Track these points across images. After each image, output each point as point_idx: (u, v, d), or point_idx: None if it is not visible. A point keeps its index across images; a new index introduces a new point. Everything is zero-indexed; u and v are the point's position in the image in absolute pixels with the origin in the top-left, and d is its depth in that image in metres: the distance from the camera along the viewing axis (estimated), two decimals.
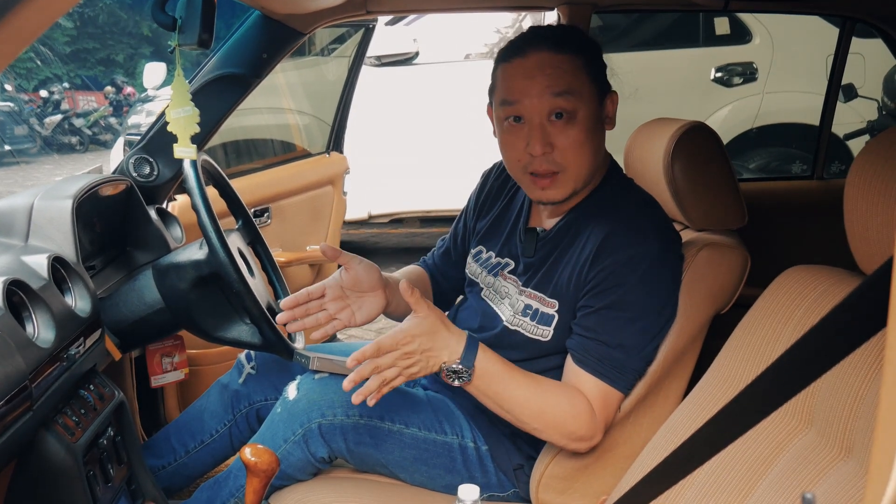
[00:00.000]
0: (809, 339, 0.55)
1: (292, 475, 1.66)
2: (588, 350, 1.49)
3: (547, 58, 1.48)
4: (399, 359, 1.39)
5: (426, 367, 1.42)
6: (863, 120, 4.93)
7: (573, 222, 1.59)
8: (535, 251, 1.63)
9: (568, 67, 1.48)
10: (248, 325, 1.77)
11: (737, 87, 5.32)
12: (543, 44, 1.49)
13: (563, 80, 1.47)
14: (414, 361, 1.40)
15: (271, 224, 2.90)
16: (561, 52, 1.48)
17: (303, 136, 4.05)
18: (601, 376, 1.48)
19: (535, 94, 1.48)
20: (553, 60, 1.48)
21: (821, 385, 1.10)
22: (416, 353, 1.40)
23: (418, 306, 1.40)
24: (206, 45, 1.58)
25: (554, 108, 1.47)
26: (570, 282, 1.53)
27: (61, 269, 1.53)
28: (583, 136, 1.49)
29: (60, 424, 1.41)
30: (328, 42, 4.64)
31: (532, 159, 1.51)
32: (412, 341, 1.39)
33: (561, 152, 1.50)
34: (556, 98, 1.47)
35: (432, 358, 1.41)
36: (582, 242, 1.54)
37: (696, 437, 0.69)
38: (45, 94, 15.60)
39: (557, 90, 1.47)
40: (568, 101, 1.47)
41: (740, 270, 1.59)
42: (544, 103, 1.47)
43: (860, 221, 1.01)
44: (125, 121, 9.89)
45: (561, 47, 1.48)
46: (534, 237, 1.65)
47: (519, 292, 1.64)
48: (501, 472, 1.68)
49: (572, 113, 1.48)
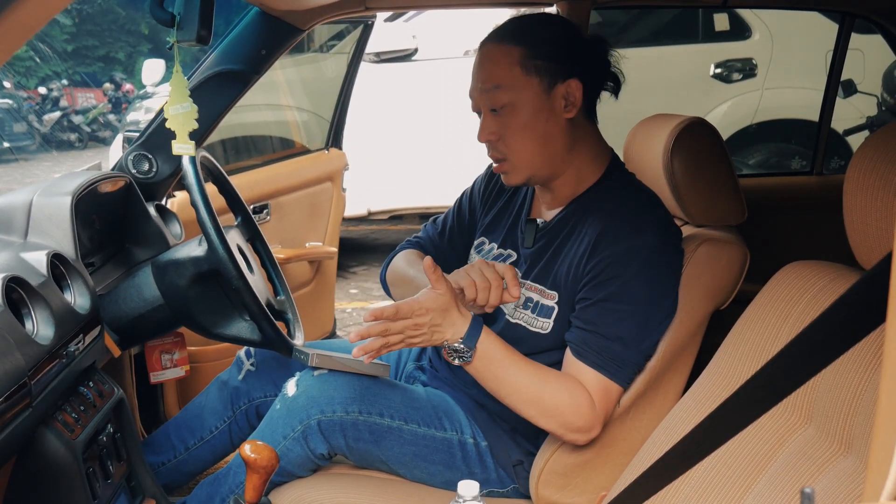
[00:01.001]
0: (808, 335, 0.56)
1: (292, 471, 1.66)
2: (587, 343, 1.49)
3: (487, 51, 1.56)
4: (409, 328, 1.45)
5: (429, 341, 1.48)
6: (862, 116, 4.92)
7: (572, 214, 1.60)
8: (535, 242, 1.65)
9: (502, 60, 1.53)
10: (247, 322, 1.77)
11: (736, 83, 5.31)
12: (492, 37, 1.57)
13: (494, 74, 1.53)
14: (420, 333, 1.46)
15: (270, 221, 2.90)
16: (500, 42, 1.55)
17: (302, 132, 4.04)
18: (600, 369, 1.49)
19: (475, 90, 1.57)
20: (491, 53, 1.55)
21: (820, 380, 1.10)
22: (426, 325, 1.45)
23: (438, 283, 1.46)
24: (204, 41, 1.58)
25: (488, 101, 1.54)
26: (569, 273, 1.54)
27: (60, 265, 1.53)
28: (520, 126, 1.54)
29: (60, 421, 1.41)
30: (327, 38, 4.63)
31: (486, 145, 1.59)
32: (426, 314, 1.45)
33: (504, 141, 1.56)
34: (485, 94, 1.54)
35: (437, 333, 1.47)
36: (581, 234, 1.55)
37: (696, 432, 0.69)
38: (44, 91, 15.56)
39: (487, 86, 1.54)
40: (498, 94, 1.52)
41: (739, 266, 1.59)
42: (482, 97, 1.55)
43: (859, 217, 1.01)
44: (124, 118, 9.88)
45: (501, 38, 1.55)
46: (533, 228, 1.66)
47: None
48: (501, 467, 1.68)
49: (508, 105, 1.52)
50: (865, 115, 4.94)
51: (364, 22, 3.40)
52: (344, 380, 1.65)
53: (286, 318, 1.94)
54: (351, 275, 5.19)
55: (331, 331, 3.40)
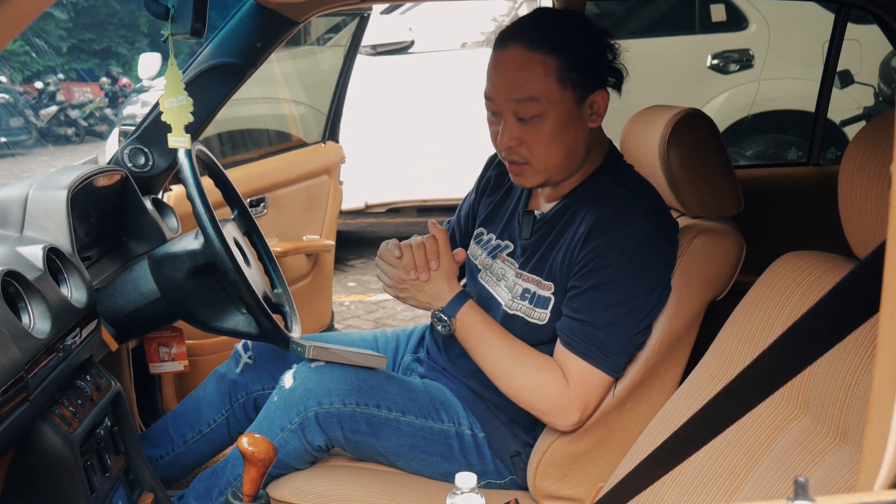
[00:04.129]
0: (804, 325, 0.56)
1: (289, 464, 1.67)
2: (574, 331, 1.51)
3: (520, 55, 1.48)
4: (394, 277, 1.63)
5: (414, 300, 1.64)
6: (859, 106, 4.92)
7: (569, 206, 1.60)
8: (532, 233, 1.65)
9: (537, 70, 1.47)
10: (244, 315, 1.77)
11: (733, 73, 5.31)
12: (522, 39, 1.49)
13: (529, 86, 1.47)
14: (406, 288, 1.62)
15: (267, 214, 2.90)
16: (535, 50, 1.47)
17: (298, 125, 4.03)
18: (584, 356, 1.50)
19: (502, 91, 1.50)
20: (525, 59, 1.47)
21: (815, 370, 1.10)
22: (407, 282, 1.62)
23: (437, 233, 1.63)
24: (198, 34, 1.58)
25: (519, 110, 1.49)
26: (564, 264, 1.55)
27: (57, 259, 1.53)
28: (549, 136, 1.50)
29: (57, 415, 1.41)
30: (323, 31, 4.62)
31: (504, 148, 1.55)
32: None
33: (528, 147, 1.53)
34: (518, 104, 1.49)
35: (421, 295, 1.62)
36: (576, 225, 1.56)
37: (692, 422, 0.69)
38: (41, 86, 15.53)
39: (521, 97, 1.48)
40: (531, 108, 1.48)
41: (736, 257, 1.59)
42: (510, 105, 1.50)
43: (854, 207, 1.01)
44: (120, 112, 9.87)
45: (537, 45, 1.47)
46: (531, 220, 1.67)
47: (516, 275, 1.65)
48: (499, 459, 1.69)
49: (540, 114, 1.49)
50: (862, 106, 4.93)
51: (360, 14, 3.38)
52: (341, 372, 1.66)
53: (283, 311, 1.94)
54: (348, 268, 5.19)
55: (328, 324, 3.40)
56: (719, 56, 5.30)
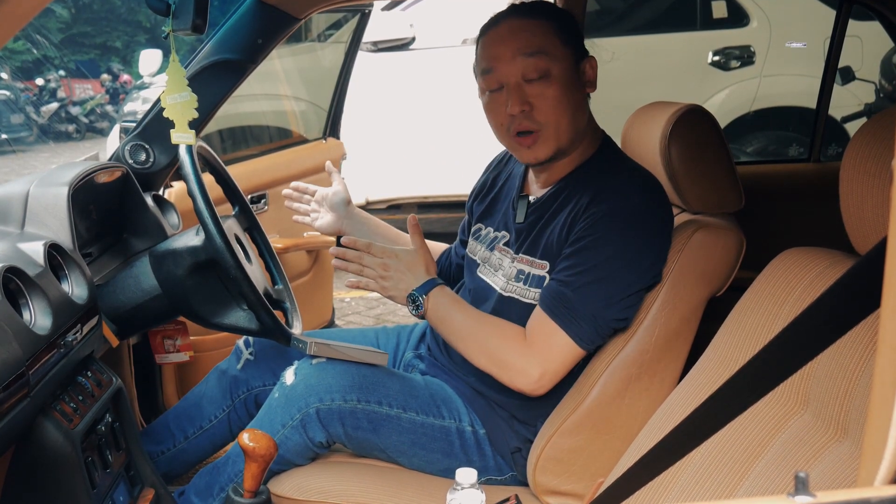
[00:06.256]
0: (804, 321, 0.56)
1: (290, 460, 1.67)
2: (549, 290, 1.54)
3: (517, 23, 1.57)
4: (379, 267, 1.65)
5: (395, 289, 1.65)
6: (860, 103, 4.91)
7: (563, 190, 1.63)
8: (526, 217, 1.67)
9: (537, 30, 1.55)
10: (245, 311, 1.77)
11: (734, 70, 5.30)
12: (514, 13, 1.58)
13: (533, 41, 1.54)
14: (388, 276, 1.65)
15: (268, 210, 2.90)
16: (530, 17, 1.57)
17: (299, 122, 4.03)
18: (551, 314, 1.52)
19: (508, 58, 1.55)
20: (523, 25, 1.56)
21: (816, 366, 1.10)
22: (392, 269, 1.65)
23: (415, 242, 1.68)
24: (199, 30, 1.57)
25: (527, 67, 1.54)
26: (559, 241, 1.57)
27: (58, 256, 1.53)
28: (559, 94, 1.55)
29: (58, 411, 1.41)
30: (324, 27, 4.61)
31: (513, 120, 1.57)
32: (394, 259, 1.66)
33: (539, 110, 1.55)
34: (527, 58, 1.54)
35: (402, 282, 1.65)
36: (570, 207, 1.58)
37: (692, 418, 0.69)
38: (42, 83, 15.52)
39: (528, 51, 1.54)
40: (540, 60, 1.53)
41: (735, 252, 1.59)
42: (518, 64, 1.54)
43: (855, 203, 1.01)
44: (121, 108, 9.86)
45: (530, 13, 1.57)
46: (525, 204, 1.69)
47: (511, 260, 1.66)
48: (499, 455, 1.69)
49: (546, 72, 1.54)
50: (863, 102, 4.92)
51: (361, 10, 3.38)
52: (342, 368, 1.66)
53: (284, 308, 1.94)
54: None
55: (329, 320, 3.40)
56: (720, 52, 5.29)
